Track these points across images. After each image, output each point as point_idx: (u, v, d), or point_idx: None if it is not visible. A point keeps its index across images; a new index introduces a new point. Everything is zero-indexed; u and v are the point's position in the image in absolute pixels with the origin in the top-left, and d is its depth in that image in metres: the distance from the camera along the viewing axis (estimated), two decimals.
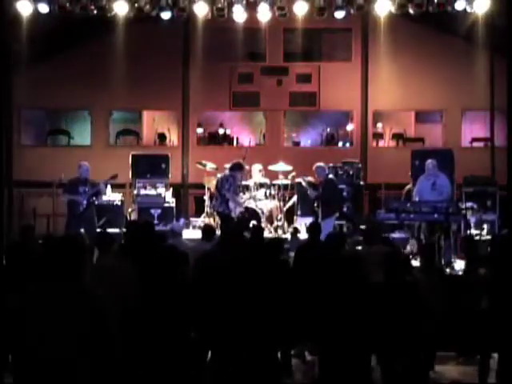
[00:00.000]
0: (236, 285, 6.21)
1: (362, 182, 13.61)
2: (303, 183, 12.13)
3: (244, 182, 12.78)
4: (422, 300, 6.14)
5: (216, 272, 6.43)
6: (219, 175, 12.27)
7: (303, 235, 11.46)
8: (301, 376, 6.64)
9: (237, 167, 11.69)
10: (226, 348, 6.39)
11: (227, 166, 12.02)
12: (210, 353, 6.56)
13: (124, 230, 11.29)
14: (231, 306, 6.12)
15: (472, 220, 11.89)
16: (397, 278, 6.10)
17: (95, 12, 12.25)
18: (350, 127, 17.67)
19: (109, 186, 12.75)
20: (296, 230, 11.47)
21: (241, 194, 12.37)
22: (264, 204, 12.61)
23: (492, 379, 6.86)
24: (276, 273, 6.35)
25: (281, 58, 17.04)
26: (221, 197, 11.58)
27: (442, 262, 10.25)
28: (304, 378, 7.04)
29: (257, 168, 12.98)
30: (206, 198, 13.15)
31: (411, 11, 12.18)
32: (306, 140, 18.61)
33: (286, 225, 12.75)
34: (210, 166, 13.41)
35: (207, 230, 8.61)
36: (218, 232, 12.09)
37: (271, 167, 13.19)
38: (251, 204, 12.48)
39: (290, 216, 13.06)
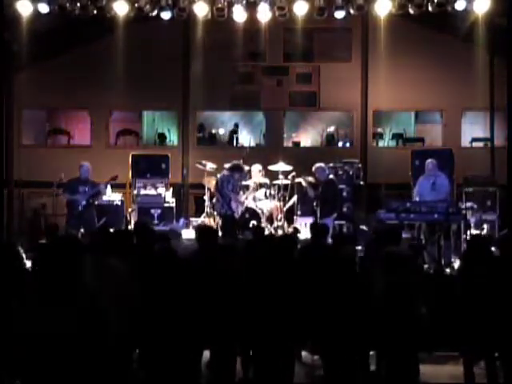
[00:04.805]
0: (246, 283, 6.24)
1: (361, 182, 13.60)
2: (303, 183, 12.12)
3: (244, 182, 12.78)
4: (415, 300, 6.14)
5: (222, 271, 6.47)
6: (219, 176, 12.27)
7: (303, 235, 11.47)
8: (297, 376, 6.63)
9: (236, 169, 11.69)
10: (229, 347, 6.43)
11: (226, 166, 12.01)
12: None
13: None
14: (240, 305, 6.15)
15: (472, 220, 11.89)
16: (397, 278, 6.10)
17: (95, 12, 12.27)
18: (349, 127, 17.66)
19: (109, 186, 12.76)
20: (296, 230, 11.46)
21: (241, 193, 12.37)
22: (264, 204, 12.61)
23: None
24: (287, 272, 6.34)
25: (281, 58, 17.03)
26: (222, 198, 11.57)
27: (442, 262, 10.25)
28: (300, 377, 7.03)
29: (256, 168, 12.97)
30: (206, 198, 13.14)
31: (411, 11, 12.20)
32: (306, 140, 18.60)
33: (285, 225, 12.74)
34: (210, 166, 13.41)
35: (199, 229, 8.77)
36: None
37: (271, 167, 13.18)
38: (251, 204, 12.48)
39: (290, 216, 13.05)
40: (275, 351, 6.07)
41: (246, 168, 12.80)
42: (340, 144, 17.82)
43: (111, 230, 7.10)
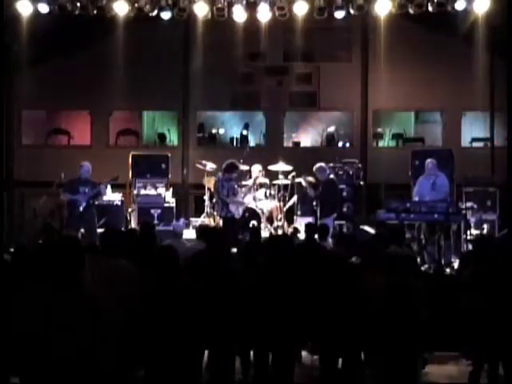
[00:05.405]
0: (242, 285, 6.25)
1: (361, 182, 13.60)
2: (303, 183, 12.12)
3: (244, 182, 12.77)
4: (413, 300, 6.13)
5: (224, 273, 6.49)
6: (217, 178, 12.27)
7: (303, 235, 11.47)
8: (297, 375, 6.64)
9: (230, 168, 11.68)
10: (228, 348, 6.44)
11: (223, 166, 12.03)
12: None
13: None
14: (236, 305, 6.16)
15: (472, 220, 11.89)
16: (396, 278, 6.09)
17: (95, 12, 12.27)
18: (349, 127, 17.67)
19: (109, 186, 12.74)
20: (296, 230, 11.45)
21: (239, 190, 12.33)
22: (264, 204, 12.60)
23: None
24: (285, 272, 6.35)
25: (281, 58, 17.04)
26: (221, 201, 11.60)
27: (442, 262, 10.26)
28: (300, 377, 7.04)
29: (257, 168, 12.97)
30: (206, 198, 13.14)
31: (411, 11, 12.19)
32: (306, 140, 18.60)
33: (285, 225, 12.74)
34: (210, 166, 13.40)
35: (202, 229, 8.76)
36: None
37: (271, 167, 13.18)
38: (251, 204, 12.47)
39: (289, 216, 13.04)
40: (275, 351, 6.07)
41: (245, 167, 12.79)
42: (340, 144, 17.82)
43: (119, 230, 7.09)
